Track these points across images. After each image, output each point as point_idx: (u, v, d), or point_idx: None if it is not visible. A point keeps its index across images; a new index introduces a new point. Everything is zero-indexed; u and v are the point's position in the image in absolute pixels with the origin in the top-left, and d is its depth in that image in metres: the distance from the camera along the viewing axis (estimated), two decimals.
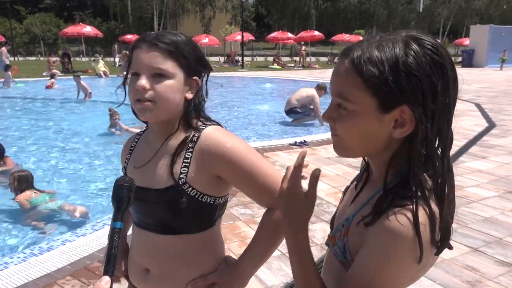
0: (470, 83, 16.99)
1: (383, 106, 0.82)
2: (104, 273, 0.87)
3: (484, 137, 7.23)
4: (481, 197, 4.37)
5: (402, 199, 0.82)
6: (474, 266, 3.01)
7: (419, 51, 0.80)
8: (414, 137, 0.82)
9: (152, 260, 1.26)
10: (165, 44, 1.14)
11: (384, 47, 0.82)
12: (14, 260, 3.14)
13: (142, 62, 1.15)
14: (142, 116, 1.18)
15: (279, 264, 3.01)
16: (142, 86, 1.13)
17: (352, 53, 0.84)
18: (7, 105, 11.74)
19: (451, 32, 52.40)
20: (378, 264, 0.82)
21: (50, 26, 45.20)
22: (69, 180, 5.52)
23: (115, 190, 0.99)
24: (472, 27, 29.94)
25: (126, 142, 1.40)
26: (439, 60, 0.81)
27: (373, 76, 0.80)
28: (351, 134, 0.87)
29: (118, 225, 0.93)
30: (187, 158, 1.19)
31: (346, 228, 0.92)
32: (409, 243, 0.79)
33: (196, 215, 1.21)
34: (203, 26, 46.03)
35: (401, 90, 0.79)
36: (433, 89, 0.80)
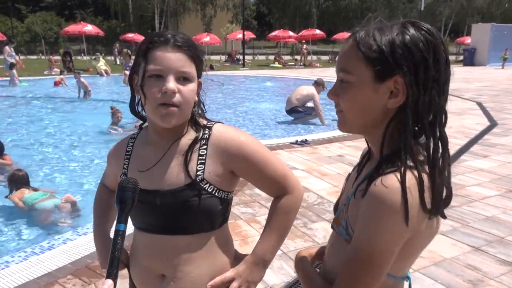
0: (471, 81, 16.96)
1: (379, 76, 0.90)
2: (107, 276, 0.86)
3: (486, 136, 7.21)
4: (483, 196, 4.36)
5: (392, 166, 0.89)
6: (476, 265, 3.00)
7: (414, 31, 0.90)
8: (405, 108, 0.90)
9: (167, 264, 1.22)
10: (187, 47, 1.13)
11: (384, 28, 0.92)
12: (15, 259, 3.14)
13: (169, 63, 1.10)
14: (166, 122, 1.13)
15: (280, 263, 3.01)
16: (172, 89, 1.09)
17: (356, 33, 0.95)
18: (10, 103, 11.75)
19: (453, 30, 52.30)
20: (368, 229, 0.88)
21: (51, 24, 45.26)
22: (70, 178, 5.53)
23: (118, 192, 0.98)
24: (474, 26, 29.88)
25: (117, 147, 1.35)
26: (431, 39, 0.90)
27: (371, 49, 0.90)
28: (352, 106, 0.95)
29: (122, 228, 0.92)
30: (201, 155, 1.19)
31: (347, 206, 1.00)
32: (394, 205, 0.84)
33: (212, 212, 1.20)
34: (204, 25, 46.01)
35: (395, 61, 0.88)
36: (424, 62, 0.89)
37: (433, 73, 0.89)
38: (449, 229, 3.58)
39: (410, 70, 0.88)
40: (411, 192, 0.85)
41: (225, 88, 15.71)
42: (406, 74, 0.88)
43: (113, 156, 1.35)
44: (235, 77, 20.10)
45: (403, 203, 0.84)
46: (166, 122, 1.13)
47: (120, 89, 15.07)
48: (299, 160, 5.64)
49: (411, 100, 0.89)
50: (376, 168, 0.92)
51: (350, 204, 0.99)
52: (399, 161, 0.88)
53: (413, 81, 0.88)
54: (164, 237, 1.21)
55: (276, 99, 12.30)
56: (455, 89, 14.07)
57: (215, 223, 1.23)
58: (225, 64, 27.95)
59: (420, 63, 0.88)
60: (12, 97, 12.95)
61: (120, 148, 1.33)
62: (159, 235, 1.22)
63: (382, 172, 0.89)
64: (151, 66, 1.11)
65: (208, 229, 1.22)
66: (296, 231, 3.51)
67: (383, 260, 0.89)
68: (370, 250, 0.88)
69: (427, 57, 0.89)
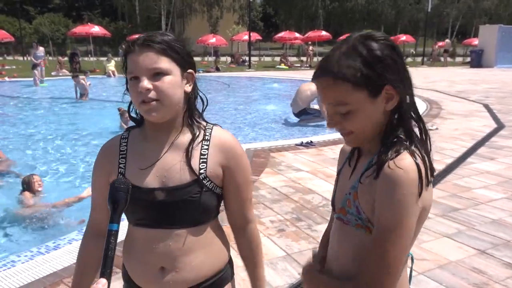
0: (478, 83, 16.85)
1: (372, 94, 1.02)
2: (101, 275, 0.88)
3: (493, 138, 7.16)
4: (489, 199, 4.33)
5: (397, 150, 1.02)
6: (481, 269, 2.98)
7: (375, 43, 1.02)
8: (401, 104, 1.04)
9: (168, 256, 1.26)
10: (156, 43, 1.18)
11: (350, 54, 1.02)
12: (21, 259, 3.17)
13: (138, 65, 1.17)
14: (150, 116, 1.20)
15: (284, 265, 3.01)
16: (145, 87, 1.16)
17: (328, 69, 1.03)
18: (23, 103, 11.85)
19: (460, 32, 52.03)
20: (394, 207, 0.99)
21: (59, 26, 45.57)
22: (78, 179, 5.56)
23: (111, 192, 0.99)
24: (481, 27, 29.66)
25: (106, 150, 1.33)
26: (391, 44, 1.04)
27: (354, 76, 1.00)
28: (361, 126, 1.06)
29: (115, 227, 0.94)
30: (203, 155, 1.26)
31: (355, 193, 1.09)
32: (412, 183, 0.98)
33: (211, 206, 1.28)
34: (210, 26, 46.09)
35: (379, 75, 1.01)
36: (398, 66, 1.03)
37: (406, 73, 1.05)
38: (455, 231, 3.56)
39: (392, 76, 1.02)
40: (421, 167, 1.00)
41: (230, 89, 15.74)
42: (392, 81, 1.02)
43: (103, 158, 1.33)
44: (241, 79, 20.12)
45: (418, 179, 0.98)
46: (150, 116, 1.20)
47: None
48: (304, 161, 5.64)
49: (404, 96, 1.04)
50: (381, 153, 1.04)
51: (360, 192, 1.08)
52: (400, 145, 1.03)
53: (398, 82, 1.02)
54: (163, 231, 1.25)
55: (281, 101, 12.28)
56: (462, 91, 14.00)
57: (211, 216, 1.31)
58: (231, 66, 27.98)
59: (395, 68, 1.03)
60: (30, 98, 13.05)
61: (112, 149, 1.32)
62: (158, 229, 1.25)
63: (390, 156, 1.01)
64: (128, 71, 1.20)
65: (205, 222, 1.30)
66: (301, 233, 3.51)
67: (409, 232, 1.01)
68: (399, 225, 0.99)
69: (398, 60, 1.03)
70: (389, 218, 1.00)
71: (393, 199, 0.99)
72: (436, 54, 32.86)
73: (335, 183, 1.25)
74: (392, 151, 1.02)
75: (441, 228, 3.60)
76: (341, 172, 1.24)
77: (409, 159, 1.00)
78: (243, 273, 1.46)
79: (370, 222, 1.07)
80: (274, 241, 3.37)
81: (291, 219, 3.79)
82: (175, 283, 1.27)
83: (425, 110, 9.98)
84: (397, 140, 1.05)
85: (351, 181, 1.13)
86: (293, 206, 4.10)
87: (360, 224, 1.09)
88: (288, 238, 3.42)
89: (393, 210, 0.99)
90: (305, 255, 3.13)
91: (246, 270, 1.45)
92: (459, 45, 41.45)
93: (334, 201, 1.24)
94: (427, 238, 3.39)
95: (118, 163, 1.28)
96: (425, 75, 20.67)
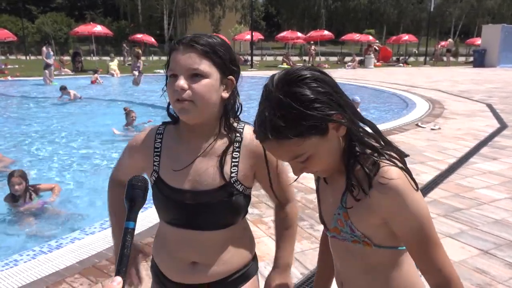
0: (481, 83, 16.81)
1: (322, 134, 1.00)
2: (116, 273, 0.86)
3: (496, 138, 7.13)
4: (492, 199, 4.31)
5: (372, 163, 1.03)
6: (484, 269, 2.97)
7: (303, 86, 0.98)
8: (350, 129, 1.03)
9: (198, 253, 1.31)
10: (200, 45, 1.19)
11: (280, 111, 0.97)
12: (23, 258, 3.17)
13: (179, 64, 1.19)
14: (183, 116, 1.23)
15: None
16: (180, 86, 1.18)
17: (267, 134, 0.99)
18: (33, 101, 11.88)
19: (463, 31, 51.91)
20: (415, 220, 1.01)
21: (61, 25, 45.61)
22: (80, 178, 5.56)
23: (128, 190, 0.98)
24: (484, 27, 29.59)
25: (142, 141, 1.36)
26: (320, 77, 1.00)
27: (296, 130, 0.97)
28: (323, 163, 1.06)
29: (131, 225, 0.92)
30: (235, 158, 1.29)
31: (344, 214, 1.09)
32: (408, 185, 1.00)
33: (241, 208, 1.32)
34: (212, 26, 46.15)
35: (319, 116, 0.97)
36: (331, 96, 0.99)
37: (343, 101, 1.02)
38: (457, 232, 3.55)
39: (331, 109, 0.98)
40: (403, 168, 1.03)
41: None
42: (333, 115, 0.99)
43: (138, 150, 1.36)
44: (243, 78, 20.03)
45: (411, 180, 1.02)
46: (183, 115, 1.23)
47: (130, 90, 15.15)
48: None
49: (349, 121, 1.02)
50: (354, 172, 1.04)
51: (350, 212, 1.07)
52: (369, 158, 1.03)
53: (339, 112, 0.99)
54: (195, 232, 1.29)
55: None
56: (465, 91, 13.96)
57: (241, 216, 1.36)
58: None
59: (329, 98, 0.99)
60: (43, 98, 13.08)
61: (147, 144, 1.34)
62: (190, 230, 1.29)
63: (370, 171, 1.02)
64: (169, 68, 1.22)
65: (234, 223, 1.34)
66: (303, 233, 3.51)
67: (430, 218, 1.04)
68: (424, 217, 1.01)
69: (327, 90, 0.99)
70: (416, 229, 1.01)
71: (408, 210, 1.00)
72: (439, 53, 32.81)
73: (317, 200, 1.26)
74: (366, 167, 1.02)
75: (443, 228, 3.59)
76: (319, 189, 1.24)
77: (391, 167, 1.01)
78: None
79: (366, 237, 1.08)
80: None
81: None
82: (205, 276, 1.32)
83: (427, 110, 9.95)
84: (361, 155, 1.04)
85: (335, 200, 1.13)
86: None
87: (356, 240, 1.09)
88: None
89: (416, 220, 1.01)
90: (307, 255, 3.13)
91: (276, 247, 1.47)
92: (462, 45, 41.37)
93: (322, 217, 1.23)
94: None
95: (153, 161, 1.32)
96: (428, 75, 20.63)
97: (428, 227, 1.02)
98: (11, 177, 4.36)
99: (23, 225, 4.17)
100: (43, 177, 5.51)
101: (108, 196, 1.50)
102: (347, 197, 1.08)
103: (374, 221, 1.05)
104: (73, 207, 4.59)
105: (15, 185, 4.32)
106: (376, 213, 1.03)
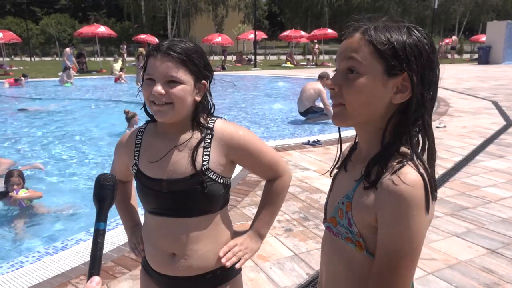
0: (486, 80, 16.70)
1: (389, 72, 0.94)
2: (89, 276, 0.86)
3: (502, 136, 7.08)
4: (499, 197, 4.28)
5: (398, 160, 0.93)
6: (491, 268, 2.94)
7: (420, 35, 0.95)
8: (410, 103, 0.94)
9: (178, 243, 1.38)
10: (177, 53, 1.28)
11: (391, 27, 0.95)
12: (29, 259, 3.18)
13: (157, 70, 1.28)
14: (159, 117, 1.33)
15: (292, 265, 2.99)
16: (158, 92, 1.27)
17: (363, 27, 0.97)
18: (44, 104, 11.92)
19: (467, 28, 51.65)
20: (405, 227, 0.91)
21: (65, 26, 45.84)
22: (85, 180, 5.57)
23: (97, 190, 0.97)
24: (489, 24, 29.39)
25: (126, 139, 1.48)
26: (432, 43, 0.97)
27: (383, 44, 0.93)
28: (358, 98, 0.96)
29: (101, 226, 0.91)
30: (206, 148, 1.37)
31: (348, 203, 1.01)
32: (421, 201, 0.90)
33: (216, 196, 1.37)
34: (216, 25, 46.19)
35: (406, 59, 0.92)
36: (431, 64, 0.95)
37: (436, 74, 0.96)
38: (464, 231, 3.52)
39: (418, 69, 0.93)
40: (427, 184, 0.91)
41: (236, 88, 15.73)
42: (415, 73, 0.93)
43: (123, 147, 1.49)
44: (246, 77, 20.10)
45: (426, 196, 0.90)
46: (159, 117, 1.33)
47: (133, 89, 15.18)
48: (311, 160, 5.61)
49: (416, 97, 0.94)
50: (379, 159, 0.95)
51: (354, 204, 0.99)
52: (403, 155, 0.94)
53: (419, 80, 0.93)
54: (174, 219, 1.38)
55: (287, 99, 12.26)
56: (470, 88, 13.89)
57: (218, 205, 1.41)
58: (237, 64, 27.95)
59: (427, 64, 0.94)
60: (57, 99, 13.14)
61: (130, 141, 1.47)
62: (169, 218, 1.38)
63: (393, 168, 0.93)
64: (146, 72, 1.31)
65: (212, 211, 1.40)
66: (308, 233, 3.49)
67: (419, 251, 0.94)
68: (413, 247, 0.92)
69: (433, 59, 0.95)
70: (399, 243, 0.91)
71: (402, 221, 0.90)
72: (443, 51, 32.63)
73: (329, 188, 1.17)
74: (393, 160, 0.93)
75: (450, 227, 3.57)
76: (337, 177, 1.15)
77: (414, 173, 0.91)
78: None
79: (361, 237, 0.98)
80: (282, 241, 3.35)
81: (299, 219, 3.77)
82: (183, 269, 1.39)
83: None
84: (398, 147, 0.95)
85: (345, 188, 1.04)
86: (300, 205, 4.08)
87: (350, 238, 1.01)
88: (296, 238, 3.40)
89: (403, 234, 0.91)
90: (313, 255, 3.11)
91: (255, 214, 1.53)
92: (467, 42, 41.10)
93: (326, 206, 1.15)
94: (436, 238, 3.36)
95: (134, 155, 1.43)
96: None
97: (405, 256, 0.91)
98: (10, 177, 4.39)
99: (28, 227, 4.18)
100: (45, 178, 5.53)
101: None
102: (359, 184, 0.99)
103: (371, 220, 0.96)
104: (77, 208, 4.59)
105: (14, 185, 4.34)
106: (372, 209, 0.94)
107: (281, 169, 1.50)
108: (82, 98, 13.17)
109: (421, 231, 0.92)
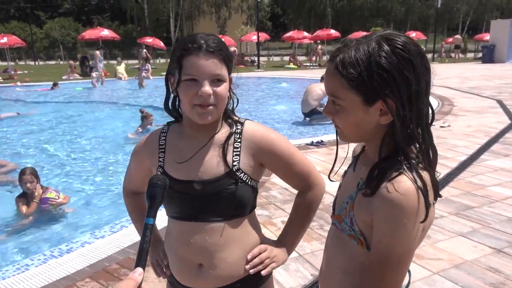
0: (491, 79, 16.62)
1: (367, 101, 0.98)
2: (136, 265, 0.89)
3: (507, 135, 7.04)
4: (504, 196, 4.25)
5: (395, 170, 0.97)
6: (497, 268, 2.92)
7: (389, 50, 0.94)
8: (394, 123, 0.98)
9: (204, 251, 1.30)
10: (219, 51, 1.23)
11: (360, 50, 0.96)
12: (34, 262, 3.19)
13: (202, 69, 1.21)
14: (203, 119, 1.25)
15: (296, 266, 2.99)
16: (207, 93, 1.21)
17: (335, 58, 1.00)
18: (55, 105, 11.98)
19: (471, 27, 51.46)
20: (393, 234, 0.96)
21: (69, 30, 46.07)
22: (91, 182, 5.59)
23: (149, 188, 1.01)
24: (493, 22, 29.23)
25: (146, 143, 1.41)
26: (407, 56, 0.95)
27: (353, 78, 0.96)
28: (347, 125, 1.04)
29: (151, 222, 0.96)
30: (236, 148, 1.31)
31: (351, 204, 1.07)
32: (413, 209, 0.93)
33: (245, 198, 1.31)
34: (218, 27, 46.23)
35: (378, 86, 0.95)
36: (406, 81, 0.95)
37: (415, 87, 0.96)
38: (469, 230, 3.50)
39: (393, 91, 0.95)
40: (422, 192, 0.95)
41: (239, 89, 15.69)
42: (391, 96, 0.95)
43: (143, 150, 1.41)
44: (250, 79, 20.10)
45: (419, 204, 0.94)
46: (204, 119, 1.25)
47: (134, 92, 15.22)
48: (315, 161, 5.60)
49: (398, 117, 0.96)
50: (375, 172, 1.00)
51: (356, 205, 1.05)
52: (399, 164, 0.98)
53: (398, 99, 0.95)
54: (200, 224, 1.30)
55: (291, 100, 12.24)
56: (474, 87, 13.82)
57: (246, 209, 1.34)
58: (240, 66, 27.97)
59: (402, 83, 0.95)
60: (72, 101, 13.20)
61: (151, 143, 1.39)
62: (195, 222, 1.30)
63: (389, 176, 0.97)
64: (187, 72, 1.22)
65: (240, 215, 1.33)
66: (313, 233, 3.48)
67: (409, 257, 0.99)
68: (399, 252, 0.97)
69: (408, 76, 0.95)
70: (390, 246, 0.97)
71: (394, 226, 0.95)
72: (445, 50, 32.50)
73: (339, 185, 1.24)
74: (390, 169, 0.97)
75: (455, 227, 3.55)
76: (346, 175, 1.22)
77: (408, 182, 0.95)
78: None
79: (362, 235, 1.05)
80: None
81: None
82: (212, 280, 1.32)
83: (437, 107, 9.87)
84: (395, 157, 0.99)
85: (351, 188, 1.11)
86: None
87: (353, 235, 1.08)
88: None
89: (394, 238, 0.96)
90: (318, 256, 3.10)
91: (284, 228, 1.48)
92: (470, 41, 40.95)
93: (335, 203, 1.22)
94: (442, 237, 3.34)
95: (158, 157, 1.36)
96: (437, 72, 20.14)
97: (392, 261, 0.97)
98: (22, 175, 4.37)
99: (34, 229, 4.20)
100: (52, 181, 5.54)
101: (126, 207, 1.59)
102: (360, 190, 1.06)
103: (369, 221, 1.02)
104: (83, 211, 4.60)
105: (27, 183, 4.33)
106: (369, 212, 1.01)
107: (313, 180, 1.42)
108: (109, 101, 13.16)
109: (410, 237, 0.96)
